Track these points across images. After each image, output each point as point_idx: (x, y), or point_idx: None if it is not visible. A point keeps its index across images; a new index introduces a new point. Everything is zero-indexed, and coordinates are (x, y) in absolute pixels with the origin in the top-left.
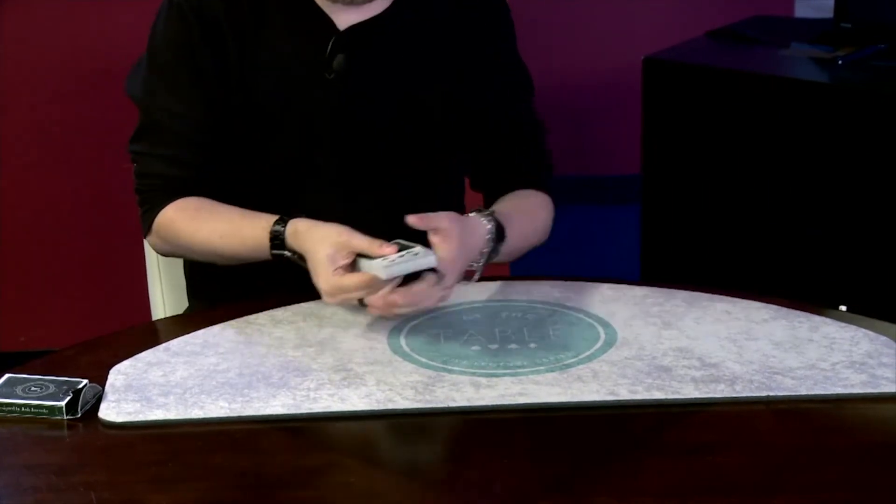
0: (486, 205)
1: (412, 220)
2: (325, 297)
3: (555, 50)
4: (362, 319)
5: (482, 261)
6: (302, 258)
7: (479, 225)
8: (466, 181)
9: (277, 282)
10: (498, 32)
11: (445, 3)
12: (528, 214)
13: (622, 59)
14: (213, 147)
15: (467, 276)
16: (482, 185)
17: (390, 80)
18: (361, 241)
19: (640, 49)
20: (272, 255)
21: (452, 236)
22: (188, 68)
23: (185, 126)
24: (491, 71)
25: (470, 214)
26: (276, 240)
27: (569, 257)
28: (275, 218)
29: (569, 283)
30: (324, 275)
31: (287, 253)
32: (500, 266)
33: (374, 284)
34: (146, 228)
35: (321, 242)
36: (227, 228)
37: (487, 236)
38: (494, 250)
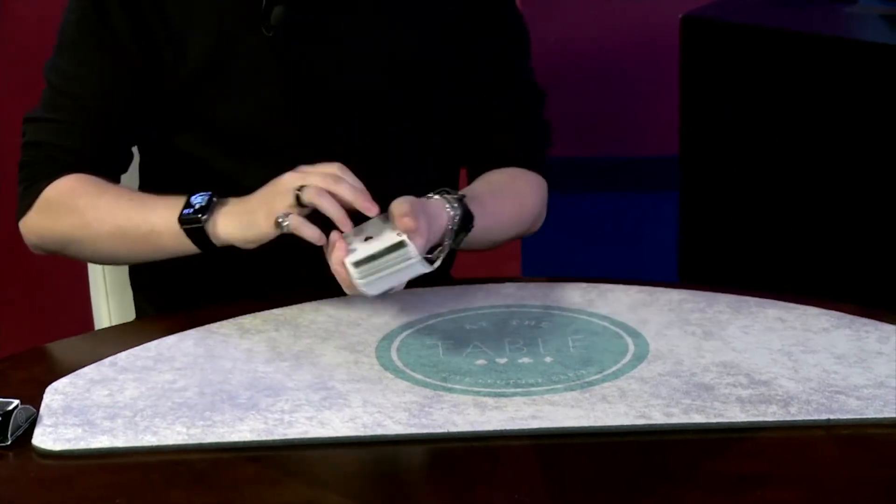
0: (470, 181)
1: (412, 224)
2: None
3: (576, 7)
4: (346, 329)
5: (442, 252)
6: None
7: (439, 208)
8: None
9: (245, 284)
10: None
11: None
12: (510, 198)
13: (656, 18)
14: (122, 122)
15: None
16: (465, 159)
17: (347, 35)
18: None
19: (678, 5)
20: (182, 219)
21: (422, 231)
22: (96, 33)
23: (87, 90)
24: (477, 24)
25: (432, 198)
26: (190, 210)
27: (591, 254)
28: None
29: (592, 284)
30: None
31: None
32: (510, 265)
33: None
34: (26, 206)
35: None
36: (135, 201)
37: (448, 225)
38: (456, 240)
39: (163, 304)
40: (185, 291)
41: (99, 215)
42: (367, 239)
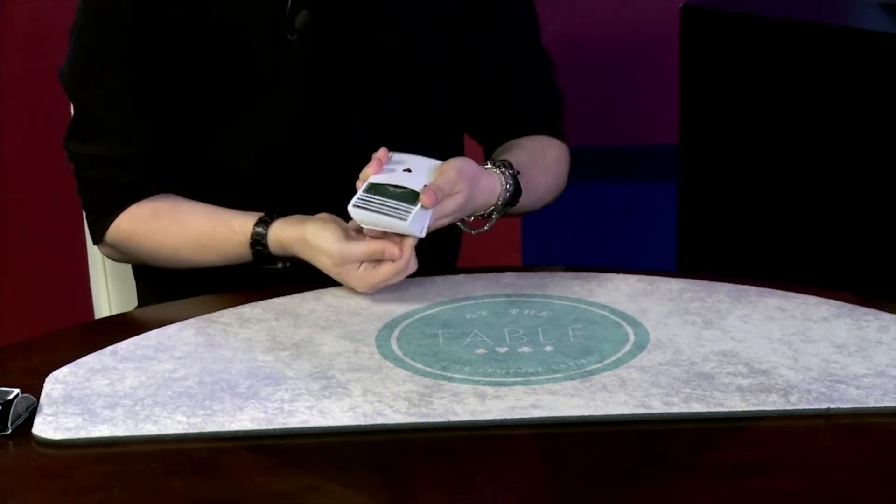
0: (487, 155)
1: (428, 201)
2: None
3: None
4: (346, 318)
5: (489, 223)
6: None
7: (495, 185)
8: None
9: (246, 273)
10: None
11: None
12: (546, 171)
13: (656, 7)
14: (156, 134)
15: (475, 225)
16: (484, 134)
17: (366, 38)
18: (360, 249)
19: None
20: (262, 268)
21: (457, 199)
22: (117, 45)
23: (119, 118)
24: (490, 14)
25: (493, 171)
26: (259, 255)
27: (591, 243)
28: (249, 223)
29: (591, 273)
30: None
31: (279, 265)
32: (510, 255)
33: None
34: (96, 238)
35: (320, 257)
36: (198, 241)
37: (499, 200)
38: (499, 210)
39: (165, 294)
40: (188, 281)
41: (171, 247)
42: (405, 170)
